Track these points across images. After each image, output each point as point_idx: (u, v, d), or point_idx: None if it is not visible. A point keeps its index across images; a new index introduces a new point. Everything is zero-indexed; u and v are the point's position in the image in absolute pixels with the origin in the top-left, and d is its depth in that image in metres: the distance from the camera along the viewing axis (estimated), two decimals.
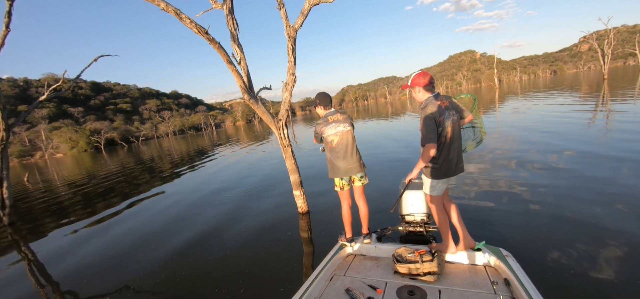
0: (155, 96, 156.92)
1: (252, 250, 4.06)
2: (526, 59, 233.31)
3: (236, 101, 4.75)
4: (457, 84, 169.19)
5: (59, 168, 28.12)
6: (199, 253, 4.26)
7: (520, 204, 4.22)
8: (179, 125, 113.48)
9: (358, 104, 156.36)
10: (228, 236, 4.70)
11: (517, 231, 3.50)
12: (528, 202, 4.23)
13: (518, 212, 3.97)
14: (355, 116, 40.79)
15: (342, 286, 2.35)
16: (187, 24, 3.68)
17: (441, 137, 2.31)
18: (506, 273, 2.21)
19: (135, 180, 13.08)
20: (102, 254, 4.76)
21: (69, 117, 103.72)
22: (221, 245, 4.39)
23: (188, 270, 3.75)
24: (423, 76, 2.40)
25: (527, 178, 5.17)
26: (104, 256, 4.67)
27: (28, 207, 10.24)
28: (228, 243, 4.42)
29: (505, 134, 9.52)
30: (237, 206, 6.27)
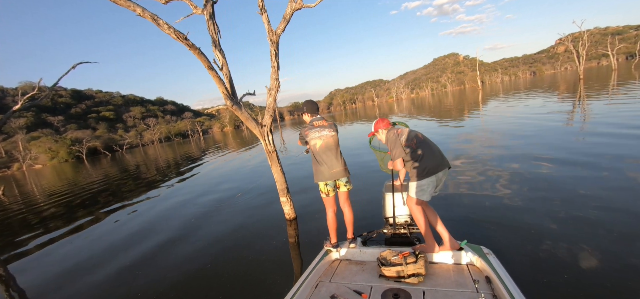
0: (140, 103, 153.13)
1: (236, 259, 3.96)
2: (507, 60, 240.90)
3: (219, 108, 4.67)
4: (442, 86, 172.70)
5: (39, 180, 26.95)
6: (176, 260, 4.14)
7: (502, 202, 4.31)
8: (165, 132, 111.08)
9: (346, 107, 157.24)
10: (209, 245, 4.59)
11: (500, 228, 3.56)
12: (509, 200, 4.32)
13: (500, 210, 4.05)
14: (343, 119, 41.00)
15: (327, 293, 2.33)
16: (165, 30, 3.60)
17: (409, 142, 2.61)
18: (487, 271, 2.25)
19: (121, 189, 12.67)
20: (80, 264, 4.55)
21: (48, 127, 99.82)
22: (201, 253, 4.28)
23: (164, 281, 3.63)
24: (382, 121, 2.90)
25: (509, 177, 5.29)
26: (83, 265, 4.47)
27: (4, 223, 9.73)
28: (209, 252, 4.31)
29: (488, 136, 9.76)
30: (221, 212, 6.15)
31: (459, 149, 8.24)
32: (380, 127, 2.87)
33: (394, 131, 2.72)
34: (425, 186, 2.52)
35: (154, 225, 6.21)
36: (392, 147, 2.65)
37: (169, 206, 7.72)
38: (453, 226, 3.77)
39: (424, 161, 2.51)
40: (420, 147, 2.57)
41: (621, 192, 3.96)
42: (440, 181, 2.61)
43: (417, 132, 2.70)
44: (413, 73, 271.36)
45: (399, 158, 2.59)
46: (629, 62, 77.20)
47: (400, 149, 2.59)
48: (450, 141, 9.81)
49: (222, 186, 8.98)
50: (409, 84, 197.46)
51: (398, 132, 2.69)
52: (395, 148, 2.62)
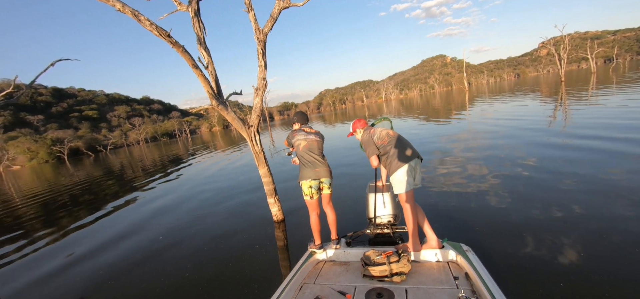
0: (125, 102, 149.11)
1: (221, 261, 3.87)
2: (492, 63, 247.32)
3: (205, 108, 4.55)
4: (430, 87, 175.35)
5: (17, 182, 25.83)
6: (159, 264, 4.02)
7: (484, 201, 4.40)
8: (151, 132, 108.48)
9: (336, 107, 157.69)
10: (193, 247, 4.47)
11: (482, 226, 3.63)
12: (492, 199, 4.40)
13: (482, 209, 4.14)
14: (333, 119, 41.07)
15: (311, 294, 2.33)
16: (147, 26, 3.47)
17: (381, 140, 2.79)
18: (466, 267, 2.33)
19: (104, 190, 12.26)
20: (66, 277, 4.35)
21: (27, 126, 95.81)
22: (185, 257, 4.17)
23: (142, 286, 3.51)
24: (359, 121, 3.12)
25: (492, 177, 5.38)
26: (68, 280, 4.27)
27: None
28: (194, 255, 4.20)
29: (474, 136, 9.93)
30: (206, 215, 6.01)
31: (445, 149, 8.34)
32: (358, 127, 3.08)
33: (368, 132, 2.91)
34: (402, 176, 2.64)
35: (134, 228, 6.02)
36: (366, 146, 2.84)
37: (152, 209, 7.50)
38: (436, 223, 3.83)
39: (396, 154, 2.68)
40: (391, 142, 2.75)
41: (599, 195, 4.08)
42: (415, 171, 2.73)
43: (389, 130, 2.90)
44: (402, 74, 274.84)
45: (373, 155, 2.78)
46: (607, 65, 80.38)
47: (373, 147, 2.79)
48: (437, 140, 9.93)
49: (210, 186, 8.80)
50: (398, 85, 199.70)
51: (371, 132, 2.88)
52: (368, 146, 2.82)
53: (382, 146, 2.78)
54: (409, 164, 2.64)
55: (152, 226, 6.00)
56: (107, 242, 5.49)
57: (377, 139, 2.82)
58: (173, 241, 4.92)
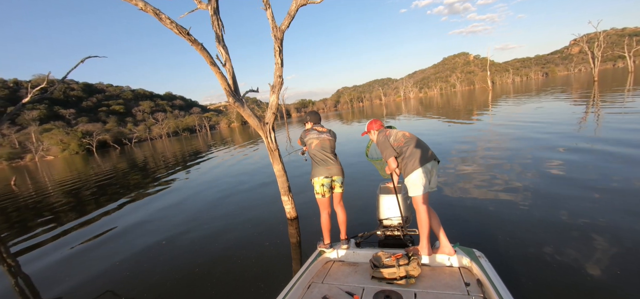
0: (149, 98, 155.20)
1: (230, 258, 3.91)
2: (518, 61, 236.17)
3: (222, 104, 4.62)
4: (451, 85, 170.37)
5: (50, 171, 27.55)
6: (172, 259, 4.13)
7: (503, 206, 4.20)
8: (173, 127, 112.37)
9: (353, 105, 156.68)
10: (204, 242, 4.57)
11: (499, 232, 3.49)
12: (511, 204, 4.20)
13: (500, 214, 3.96)
14: (350, 117, 40.83)
15: (319, 294, 2.33)
16: (167, 25, 3.56)
17: (397, 142, 2.74)
18: (479, 274, 2.26)
19: (129, 182, 12.82)
20: (84, 258, 4.59)
21: (60, 119, 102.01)
22: (198, 252, 4.26)
23: (155, 280, 3.62)
24: (375, 122, 3.07)
25: (513, 181, 5.13)
26: (86, 260, 4.50)
27: (13, 212, 9.95)
28: (208, 250, 4.28)
29: (496, 137, 9.54)
30: (221, 209, 6.13)
31: (465, 150, 8.07)
32: (373, 128, 3.04)
33: (383, 133, 2.86)
34: (416, 179, 2.56)
35: (152, 222, 6.23)
36: (383, 148, 2.79)
37: (167, 203, 7.75)
38: (450, 227, 3.71)
39: (411, 156, 2.61)
40: (407, 144, 2.69)
41: (635, 212, 3.79)
42: (431, 174, 2.65)
43: (405, 132, 2.83)
44: (422, 72, 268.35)
45: (391, 157, 2.72)
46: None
47: (390, 149, 2.73)
48: (457, 140, 9.62)
49: (224, 181, 8.98)
50: (418, 83, 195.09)
51: (387, 134, 2.84)
52: (386, 149, 2.76)
53: (399, 147, 2.72)
54: (425, 166, 2.57)
55: (165, 219, 6.19)
56: (118, 236, 5.72)
57: (394, 140, 2.77)
58: (185, 236, 5.04)
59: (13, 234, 7.03)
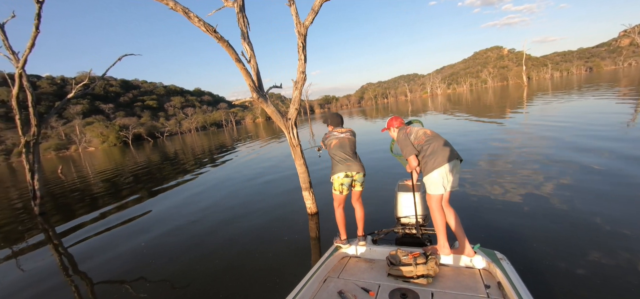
0: (180, 93, 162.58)
1: (249, 251, 4.01)
2: (558, 55, 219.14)
3: (247, 100, 4.74)
4: (482, 81, 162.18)
5: (92, 161, 29.81)
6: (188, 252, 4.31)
7: (529, 210, 3.96)
8: (201, 121, 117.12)
9: (377, 102, 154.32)
10: (231, 235, 4.72)
11: (520, 236, 3.33)
12: (541, 208, 3.94)
13: (525, 218, 3.76)
14: (374, 114, 40.25)
15: (335, 288, 2.33)
16: (196, 23, 3.70)
17: (417, 140, 2.68)
18: (500, 277, 2.18)
19: (160, 174, 13.56)
20: (122, 245, 4.93)
21: (100, 113, 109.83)
22: (221, 244, 4.41)
23: (184, 268, 3.80)
24: (395, 119, 3.03)
25: (545, 184, 4.80)
26: (122, 248, 4.83)
27: (59, 197, 10.89)
28: (227, 241, 4.44)
29: (530, 137, 8.97)
30: (244, 204, 6.29)
31: (495, 149, 7.68)
32: (393, 125, 2.99)
33: (403, 131, 2.80)
34: (436, 179, 2.50)
35: (179, 210, 6.54)
36: (403, 146, 2.73)
37: (192, 194, 8.09)
38: (474, 228, 3.59)
39: (432, 155, 2.54)
40: (428, 142, 2.62)
41: None
42: (451, 174, 2.54)
43: (426, 129, 2.76)
44: (451, 67, 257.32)
45: (411, 155, 2.67)
46: None
47: (410, 147, 2.68)
48: (487, 139, 9.17)
49: (248, 174, 9.22)
50: (446, 79, 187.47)
51: (407, 132, 2.78)
52: (406, 147, 2.71)
53: (419, 145, 2.66)
54: (446, 165, 2.49)
55: (189, 210, 6.47)
56: (149, 220, 6.06)
57: (414, 138, 2.71)
58: (206, 228, 5.23)
59: (59, 217, 7.74)
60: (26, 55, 6.99)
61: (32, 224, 7.20)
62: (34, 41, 6.84)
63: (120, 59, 9.55)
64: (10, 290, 3.98)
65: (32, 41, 6.82)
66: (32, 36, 6.75)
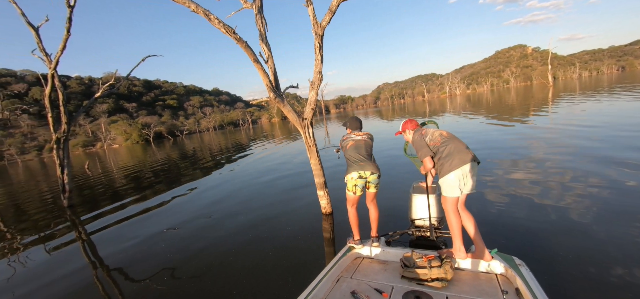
0: (199, 93, 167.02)
1: (263, 249, 4.05)
2: (587, 53, 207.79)
3: (263, 100, 4.80)
4: (504, 81, 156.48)
5: (116, 158, 31.14)
6: (208, 244, 4.40)
7: (552, 217, 3.77)
8: (219, 120, 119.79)
9: (394, 102, 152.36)
10: (246, 230, 4.80)
11: (541, 243, 3.20)
12: (556, 213, 3.76)
13: (542, 222, 3.64)
14: (390, 114, 39.75)
15: (348, 289, 2.34)
16: (216, 25, 3.78)
17: (433, 142, 2.64)
18: (518, 283, 2.12)
19: (180, 171, 13.98)
20: (144, 238, 5.12)
21: (124, 112, 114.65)
22: (234, 240, 4.49)
23: (197, 265, 3.89)
24: (410, 122, 3.00)
25: (576, 190, 4.57)
26: (145, 241, 5.02)
27: (86, 191, 11.46)
28: (243, 238, 4.51)
29: (556, 140, 8.58)
30: (263, 204, 6.38)
31: (517, 152, 7.39)
32: (408, 128, 2.97)
33: (418, 133, 2.77)
34: (452, 181, 2.45)
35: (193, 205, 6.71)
36: (418, 148, 2.70)
37: (211, 194, 8.27)
38: (489, 233, 3.47)
39: (448, 157, 2.50)
40: (445, 144, 2.57)
41: None
42: (468, 176, 2.48)
43: (442, 131, 2.72)
44: (470, 67, 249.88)
45: (426, 156, 2.63)
46: None
47: (426, 149, 2.65)
48: (509, 141, 8.84)
49: (264, 175, 9.34)
50: (465, 79, 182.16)
51: (422, 133, 2.75)
52: (421, 148, 2.68)
53: (435, 146, 2.62)
54: (462, 168, 2.43)
55: (203, 205, 6.62)
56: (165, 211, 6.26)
57: (430, 140, 2.67)
58: (222, 225, 5.34)
59: (84, 208, 8.16)
60: (58, 57, 7.40)
61: (61, 215, 7.62)
62: (65, 43, 7.23)
63: (143, 59, 9.93)
64: (40, 270, 4.43)
65: (64, 43, 7.21)
66: (64, 39, 7.13)
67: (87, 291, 3.64)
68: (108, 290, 3.61)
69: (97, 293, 3.57)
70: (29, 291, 3.86)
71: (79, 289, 3.71)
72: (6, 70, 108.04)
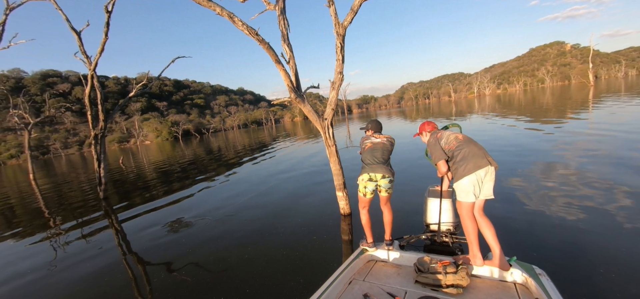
0: (224, 92, 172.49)
1: (277, 248, 4.09)
2: (635, 50, 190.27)
3: (284, 100, 4.87)
4: (539, 81, 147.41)
5: (147, 154, 32.94)
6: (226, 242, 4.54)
7: (573, 225, 3.56)
8: (243, 119, 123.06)
9: (418, 102, 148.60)
10: (262, 228, 4.91)
11: (563, 251, 3.08)
12: (583, 225, 3.50)
13: (567, 234, 3.44)
14: (414, 115, 38.80)
15: (360, 291, 2.33)
16: (239, 27, 3.89)
17: (448, 145, 2.59)
18: (538, 293, 2.05)
19: (206, 168, 14.53)
20: (172, 231, 5.39)
21: (156, 111, 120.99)
22: (247, 239, 4.57)
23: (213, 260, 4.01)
24: (428, 124, 2.97)
25: (594, 202, 4.21)
26: (173, 233, 5.28)
27: (119, 184, 12.22)
28: (257, 237, 4.59)
29: (596, 145, 7.96)
30: (281, 201, 6.45)
31: (552, 157, 6.94)
32: (425, 130, 2.95)
33: (434, 136, 2.75)
34: (467, 186, 2.39)
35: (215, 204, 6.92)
36: (433, 150, 2.68)
37: (233, 190, 8.50)
38: (508, 240, 3.28)
39: (463, 161, 2.44)
40: (460, 147, 2.52)
41: None
42: (484, 181, 2.41)
43: (458, 134, 2.67)
44: (501, 65, 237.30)
45: (440, 160, 2.60)
46: None
47: (440, 152, 2.62)
48: (543, 145, 8.32)
49: (283, 173, 9.46)
50: (495, 78, 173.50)
51: (438, 137, 2.71)
52: (435, 151, 2.66)
53: (450, 150, 2.57)
54: (477, 172, 2.37)
55: (225, 202, 6.81)
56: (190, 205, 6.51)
57: (445, 143, 2.63)
58: (240, 219, 5.48)
59: (118, 199, 8.76)
60: (97, 59, 7.95)
61: (97, 206, 8.20)
62: (104, 46, 7.74)
63: (173, 61, 10.40)
64: (76, 250, 5.02)
65: (102, 46, 7.73)
66: (102, 42, 7.65)
67: (111, 270, 4.07)
68: (133, 270, 3.94)
69: (122, 271, 3.87)
70: (65, 266, 4.42)
71: (104, 268, 4.14)
72: (53, 71, 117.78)
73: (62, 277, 4.10)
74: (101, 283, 3.78)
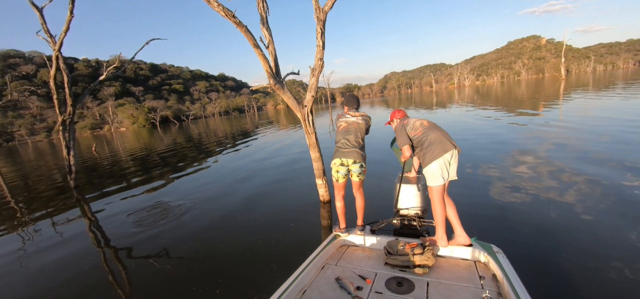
0: (205, 78, 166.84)
1: (264, 234, 4.07)
2: (604, 46, 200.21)
3: (263, 86, 4.76)
4: (515, 73, 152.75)
5: (122, 141, 31.55)
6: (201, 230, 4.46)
7: (532, 206, 3.79)
8: (225, 106, 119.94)
9: (400, 92, 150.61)
10: (237, 218, 4.84)
11: (519, 231, 3.34)
12: (541, 206, 3.70)
13: (524, 214, 3.72)
14: (396, 104, 39.32)
15: (332, 275, 2.41)
16: (215, 7, 3.73)
17: (414, 131, 2.71)
18: (495, 269, 2.24)
19: (185, 156, 14.12)
20: (146, 219, 5.22)
21: (131, 96, 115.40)
22: (224, 228, 4.52)
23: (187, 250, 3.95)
24: (398, 112, 3.10)
25: (572, 186, 4.49)
26: (147, 221, 5.12)
27: (92, 172, 11.67)
28: (238, 223, 4.57)
29: (564, 134, 8.41)
30: (260, 189, 6.39)
31: (522, 146, 7.27)
32: (395, 117, 3.06)
33: (401, 122, 2.87)
34: (435, 170, 2.52)
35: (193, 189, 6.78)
36: (399, 135, 2.80)
37: (208, 175, 8.34)
38: (470, 221, 3.43)
39: (430, 146, 2.57)
40: (425, 134, 2.64)
41: None
42: (450, 164, 2.57)
43: (423, 120, 2.79)
44: (481, 57, 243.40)
45: (405, 145, 2.72)
46: None
47: (405, 137, 2.74)
48: (515, 135, 8.70)
49: (265, 161, 9.38)
50: (475, 70, 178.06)
51: (404, 123, 2.83)
52: (401, 137, 2.77)
53: (416, 136, 2.70)
54: (444, 156, 2.51)
55: (202, 189, 6.69)
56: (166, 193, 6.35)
57: (410, 129, 2.75)
58: (218, 210, 5.38)
59: (90, 188, 8.37)
60: (62, 38, 7.42)
61: (67, 194, 7.82)
62: (69, 25, 7.22)
63: (147, 43, 9.88)
64: (47, 243, 4.70)
65: (67, 25, 7.21)
66: (67, 20, 7.13)
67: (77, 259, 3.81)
68: (101, 257, 3.74)
69: (96, 261, 3.69)
70: (29, 255, 4.23)
71: (68, 256, 3.90)
72: (15, 51, 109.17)
73: (26, 266, 3.92)
74: (67, 274, 3.63)
